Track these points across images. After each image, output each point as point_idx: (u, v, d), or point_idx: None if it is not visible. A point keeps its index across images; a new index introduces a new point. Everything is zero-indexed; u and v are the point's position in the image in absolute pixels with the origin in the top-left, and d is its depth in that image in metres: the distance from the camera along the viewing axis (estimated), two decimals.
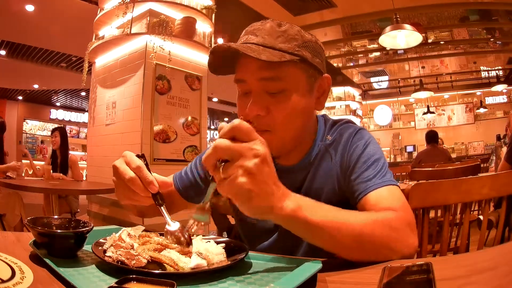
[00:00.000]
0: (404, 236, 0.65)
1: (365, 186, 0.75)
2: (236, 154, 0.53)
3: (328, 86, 0.84)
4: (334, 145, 0.86)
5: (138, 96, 3.59)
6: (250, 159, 0.52)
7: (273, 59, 0.70)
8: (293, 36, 0.75)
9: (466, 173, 2.38)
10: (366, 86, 11.57)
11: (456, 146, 10.14)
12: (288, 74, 0.74)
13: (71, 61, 8.04)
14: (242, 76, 0.77)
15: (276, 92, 0.75)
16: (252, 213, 0.56)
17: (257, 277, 0.55)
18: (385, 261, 0.59)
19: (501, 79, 9.72)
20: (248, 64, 0.75)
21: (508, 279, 0.44)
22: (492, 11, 6.89)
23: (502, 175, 1.08)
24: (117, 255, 0.55)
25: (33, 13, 5.45)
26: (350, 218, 0.61)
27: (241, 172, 0.52)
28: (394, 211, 0.67)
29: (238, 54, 0.73)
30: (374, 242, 0.61)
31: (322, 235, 0.59)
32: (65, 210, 3.60)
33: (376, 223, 0.62)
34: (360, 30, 7.63)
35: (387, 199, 0.72)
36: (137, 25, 3.73)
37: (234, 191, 0.53)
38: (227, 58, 0.77)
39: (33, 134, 11.91)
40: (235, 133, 0.54)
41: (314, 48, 0.79)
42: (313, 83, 0.80)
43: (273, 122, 0.76)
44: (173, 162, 3.70)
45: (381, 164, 0.79)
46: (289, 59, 0.72)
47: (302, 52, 0.75)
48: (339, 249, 0.61)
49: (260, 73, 0.74)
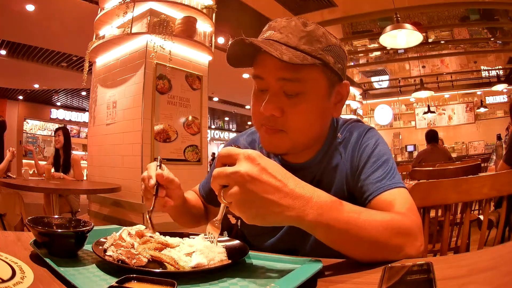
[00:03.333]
0: (415, 240, 0.65)
1: (376, 187, 0.75)
2: (223, 180, 0.54)
3: (347, 92, 0.83)
4: (344, 143, 0.86)
5: (138, 96, 3.59)
6: (234, 186, 0.53)
7: (295, 61, 0.67)
8: (317, 38, 0.73)
9: (467, 172, 2.38)
10: (366, 86, 11.55)
11: (457, 146, 10.13)
12: (308, 77, 0.72)
13: (71, 60, 8.05)
14: (261, 73, 0.75)
15: (294, 94, 0.73)
16: (265, 225, 0.56)
17: (257, 277, 0.55)
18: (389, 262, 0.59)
19: (502, 78, 9.71)
20: (268, 61, 0.73)
21: (508, 278, 0.44)
22: (493, 11, 6.88)
23: (502, 175, 1.08)
24: (118, 254, 0.55)
25: (33, 13, 5.45)
26: (370, 222, 0.60)
27: (234, 201, 0.54)
28: (406, 215, 0.68)
29: (259, 49, 0.70)
30: (388, 247, 0.61)
31: (342, 240, 0.58)
32: (65, 209, 3.60)
33: (393, 229, 0.62)
34: (360, 29, 7.62)
35: (398, 202, 0.72)
36: (137, 24, 3.73)
37: (239, 215, 0.55)
38: (246, 52, 0.75)
39: (33, 134, 11.91)
40: (220, 161, 0.57)
41: (337, 53, 0.76)
42: (332, 89, 0.78)
43: (287, 124, 0.75)
44: (173, 161, 3.70)
45: (390, 165, 0.79)
46: (311, 62, 0.70)
47: (325, 56, 0.73)
48: (357, 253, 0.60)
49: (279, 73, 0.72)
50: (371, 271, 0.56)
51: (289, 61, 0.66)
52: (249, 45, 0.70)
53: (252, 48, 0.72)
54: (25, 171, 3.83)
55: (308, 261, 0.57)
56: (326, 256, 0.63)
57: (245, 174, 0.52)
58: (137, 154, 3.52)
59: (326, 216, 0.56)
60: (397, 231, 0.62)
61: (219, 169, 0.55)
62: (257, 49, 0.70)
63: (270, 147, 0.80)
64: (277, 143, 0.78)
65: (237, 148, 0.57)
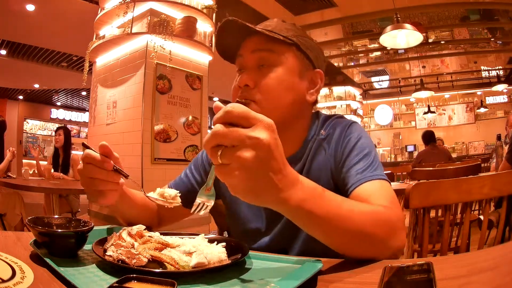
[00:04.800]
0: (398, 232, 0.65)
1: (357, 178, 0.76)
2: (235, 142, 0.47)
3: (321, 80, 0.88)
4: (327, 139, 0.88)
5: (138, 96, 3.59)
6: (248, 150, 0.47)
7: (268, 33, 0.78)
8: (292, 29, 0.85)
9: (467, 172, 2.38)
10: (366, 86, 11.56)
11: (457, 146, 10.13)
12: (279, 51, 0.81)
13: (71, 60, 8.05)
14: (241, 52, 0.84)
15: (267, 65, 0.80)
16: (249, 201, 0.52)
17: (257, 277, 0.55)
18: (377, 257, 0.60)
19: (502, 78, 9.71)
20: (247, 43, 0.83)
21: (509, 279, 0.44)
22: (493, 11, 6.88)
23: (502, 175, 1.08)
24: (118, 254, 0.55)
25: (33, 13, 5.45)
26: (353, 212, 0.60)
27: (238, 165, 0.48)
28: (389, 208, 0.68)
29: (242, 35, 0.83)
30: (373, 239, 0.61)
31: (324, 229, 0.58)
32: (65, 209, 3.60)
33: (377, 220, 0.62)
34: (360, 29, 7.62)
35: (379, 193, 0.72)
36: (137, 24, 3.73)
37: (230, 182, 0.50)
38: (232, 47, 0.86)
39: (33, 134, 11.91)
40: (228, 119, 0.48)
41: (310, 43, 0.86)
42: (305, 72, 0.85)
43: (258, 95, 0.79)
44: (174, 161, 3.69)
45: (372, 158, 0.80)
46: (282, 39, 0.80)
47: (296, 39, 0.83)
48: (338, 243, 0.60)
49: (254, 45, 0.81)
50: (371, 271, 0.56)
51: (260, 29, 0.77)
52: (230, 29, 0.80)
53: (236, 45, 0.84)
54: (25, 171, 3.84)
55: (308, 261, 0.57)
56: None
57: (266, 144, 0.47)
58: (137, 154, 3.52)
59: (309, 203, 0.54)
60: (381, 222, 0.63)
61: (232, 129, 0.47)
62: (241, 34, 0.82)
63: None
64: None
65: (253, 111, 0.49)
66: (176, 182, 1.01)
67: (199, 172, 0.99)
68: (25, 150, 11.33)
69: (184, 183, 0.99)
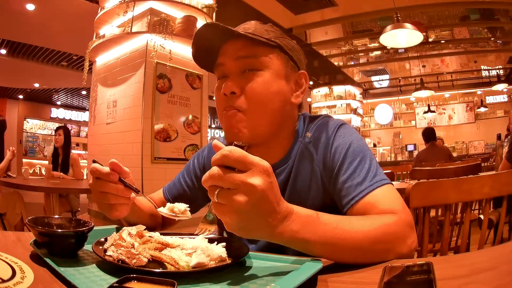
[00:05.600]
0: (404, 238, 0.64)
1: (358, 190, 0.72)
2: (230, 186, 0.49)
3: (306, 81, 0.85)
4: (313, 142, 0.83)
5: (138, 95, 3.59)
6: (242, 195, 0.49)
7: (250, 36, 0.74)
8: (273, 31, 0.81)
9: (467, 172, 2.37)
10: (366, 85, 11.56)
11: (457, 145, 10.14)
12: (263, 54, 0.77)
13: (71, 60, 8.05)
14: (222, 60, 0.80)
15: (251, 69, 0.77)
16: (243, 237, 0.54)
17: (257, 276, 0.55)
18: (384, 261, 0.60)
19: (502, 78, 9.72)
20: (228, 47, 0.79)
21: (509, 278, 0.44)
22: (493, 10, 6.88)
23: (502, 175, 1.08)
24: (118, 254, 0.55)
25: (33, 12, 5.45)
26: (351, 231, 0.59)
27: (232, 207, 0.49)
28: (394, 214, 0.66)
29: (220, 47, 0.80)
30: (375, 250, 0.60)
31: (322, 251, 0.58)
32: (65, 209, 3.60)
33: (378, 232, 0.61)
34: (360, 29, 7.62)
35: (383, 202, 0.70)
36: (137, 24, 3.73)
37: (224, 220, 0.52)
38: (210, 52, 0.82)
39: (33, 133, 11.92)
40: (226, 162, 0.49)
41: (291, 44, 0.83)
42: (290, 73, 0.82)
43: (245, 102, 0.76)
44: (174, 160, 3.70)
45: (368, 163, 0.75)
46: (265, 41, 0.76)
47: (279, 41, 0.80)
48: (340, 260, 0.60)
49: (238, 52, 0.77)
50: (371, 271, 0.56)
51: (243, 32, 0.74)
52: (208, 36, 0.77)
53: (215, 49, 0.80)
54: (25, 170, 3.84)
55: (308, 261, 0.57)
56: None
57: (260, 190, 0.49)
58: (137, 153, 3.52)
59: (303, 231, 0.55)
60: (385, 236, 0.61)
61: (228, 174, 0.49)
62: (218, 48, 0.80)
63: (230, 132, 0.78)
64: (237, 125, 0.76)
65: (251, 155, 0.50)
66: (169, 187, 1.04)
67: (190, 178, 1.02)
68: (25, 150, 11.33)
69: (177, 188, 1.02)
